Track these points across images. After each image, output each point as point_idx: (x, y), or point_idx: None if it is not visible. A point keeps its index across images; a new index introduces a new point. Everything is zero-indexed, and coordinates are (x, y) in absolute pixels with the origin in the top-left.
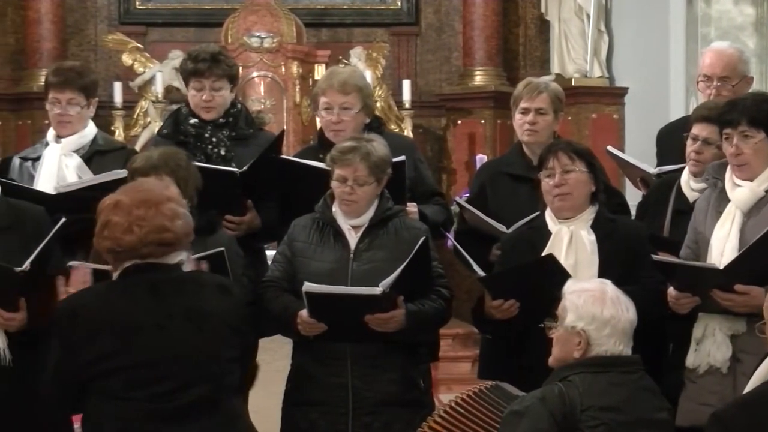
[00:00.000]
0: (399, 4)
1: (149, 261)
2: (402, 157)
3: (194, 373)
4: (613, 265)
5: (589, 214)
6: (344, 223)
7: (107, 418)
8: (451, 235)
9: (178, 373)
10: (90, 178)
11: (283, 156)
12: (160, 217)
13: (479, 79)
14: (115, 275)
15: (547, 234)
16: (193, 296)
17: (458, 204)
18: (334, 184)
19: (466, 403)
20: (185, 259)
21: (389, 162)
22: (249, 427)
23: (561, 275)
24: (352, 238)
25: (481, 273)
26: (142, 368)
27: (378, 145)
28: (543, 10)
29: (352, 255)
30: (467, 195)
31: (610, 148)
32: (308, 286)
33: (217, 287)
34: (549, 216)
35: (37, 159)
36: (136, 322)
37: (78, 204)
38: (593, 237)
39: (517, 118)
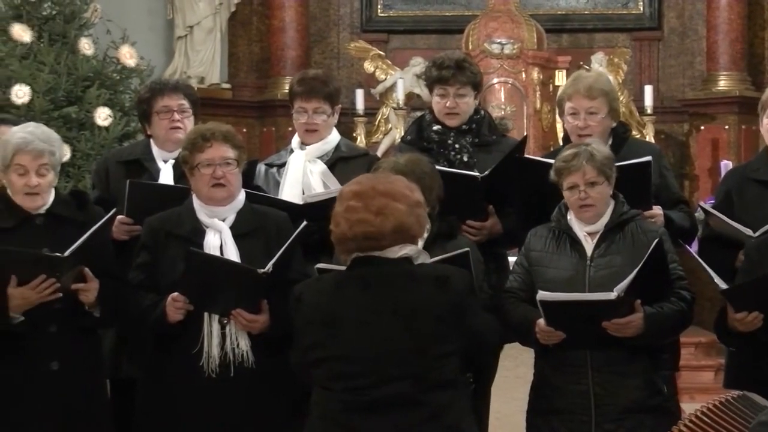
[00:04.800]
0: (641, 8)
1: (370, 254)
2: (648, 158)
3: (394, 369)
4: None
5: None
6: (580, 231)
7: (316, 405)
8: (695, 246)
9: (377, 369)
10: (336, 189)
11: (525, 156)
12: (364, 211)
13: (723, 83)
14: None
15: None
16: (404, 291)
17: (703, 210)
18: (566, 194)
19: (712, 413)
20: (412, 253)
21: (613, 160)
22: (460, 421)
23: None
24: (588, 245)
25: (724, 285)
26: (342, 361)
27: (598, 145)
28: None
29: (589, 261)
30: (712, 201)
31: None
32: (543, 294)
33: (435, 280)
34: None
35: (282, 166)
36: (342, 315)
37: (322, 212)
38: None
39: (765, 123)
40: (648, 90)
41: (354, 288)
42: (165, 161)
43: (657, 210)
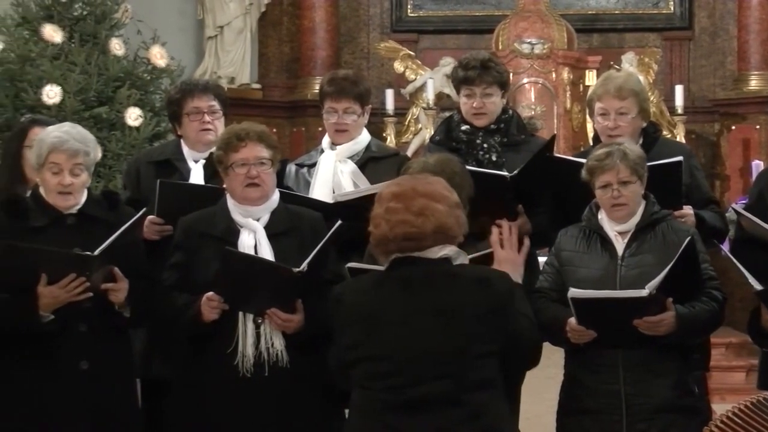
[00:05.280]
0: (672, 8)
1: (409, 255)
2: (679, 158)
3: (433, 369)
4: None
5: None
6: (611, 230)
7: (355, 404)
8: (726, 246)
9: (415, 369)
10: (367, 188)
11: (555, 155)
12: (405, 212)
13: (755, 83)
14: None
15: None
16: (445, 291)
17: (735, 211)
18: (598, 192)
19: (744, 413)
20: (452, 254)
21: (645, 160)
22: (499, 421)
23: None
24: (619, 244)
25: (758, 286)
26: (381, 361)
27: (631, 145)
28: None
29: (620, 261)
30: (744, 202)
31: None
32: (574, 291)
33: (476, 281)
34: None
35: (312, 166)
36: (381, 315)
37: (353, 212)
38: None
39: None
40: (679, 90)
41: (394, 288)
42: (195, 161)
43: (688, 210)
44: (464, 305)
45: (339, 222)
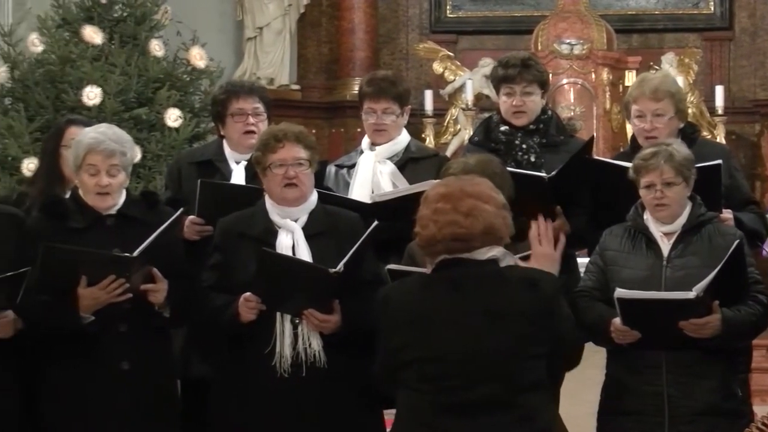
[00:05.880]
0: (712, 8)
1: (456, 256)
2: (718, 161)
3: (485, 371)
4: None
5: None
6: (656, 231)
7: (404, 407)
8: (766, 246)
9: (468, 371)
10: (405, 188)
11: (593, 157)
12: (454, 213)
13: None
14: (429, 269)
15: None
16: (495, 293)
17: None
18: (642, 192)
19: None
20: (499, 255)
21: (693, 161)
22: (551, 424)
23: None
24: (665, 245)
25: None
26: (433, 362)
27: (679, 146)
28: None
29: (665, 262)
30: None
31: None
32: (620, 292)
33: (524, 282)
34: None
35: (351, 167)
36: (432, 317)
37: (392, 212)
38: None
39: None
40: (719, 90)
41: (443, 289)
42: (237, 162)
43: (727, 214)
44: (514, 307)
45: (375, 222)
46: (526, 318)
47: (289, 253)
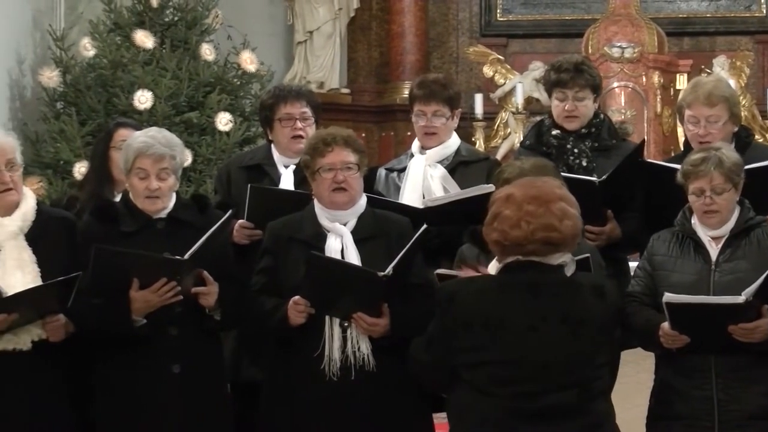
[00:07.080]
0: (764, 11)
1: (531, 259)
2: (766, 162)
3: (562, 377)
4: None
5: None
6: (704, 235)
7: (470, 409)
8: None
9: (545, 376)
10: (457, 193)
11: (644, 159)
12: (549, 215)
13: None
14: (497, 268)
15: None
16: (571, 300)
17: None
18: (691, 198)
19: None
20: (568, 261)
21: (742, 166)
22: (615, 431)
23: None
24: (713, 250)
25: None
26: (508, 366)
27: (728, 151)
28: None
29: (713, 266)
30: None
31: None
32: (669, 296)
33: (593, 289)
34: None
35: (402, 170)
36: (508, 320)
37: (443, 217)
38: None
39: None
40: None
41: (521, 293)
42: (286, 166)
43: None
44: (588, 314)
45: (424, 226)
46: (597, 326)
47: (338, 257)
